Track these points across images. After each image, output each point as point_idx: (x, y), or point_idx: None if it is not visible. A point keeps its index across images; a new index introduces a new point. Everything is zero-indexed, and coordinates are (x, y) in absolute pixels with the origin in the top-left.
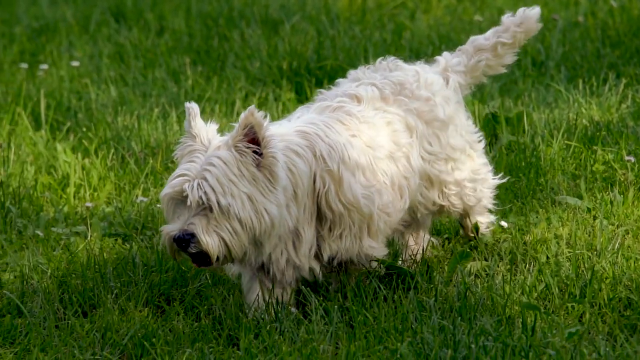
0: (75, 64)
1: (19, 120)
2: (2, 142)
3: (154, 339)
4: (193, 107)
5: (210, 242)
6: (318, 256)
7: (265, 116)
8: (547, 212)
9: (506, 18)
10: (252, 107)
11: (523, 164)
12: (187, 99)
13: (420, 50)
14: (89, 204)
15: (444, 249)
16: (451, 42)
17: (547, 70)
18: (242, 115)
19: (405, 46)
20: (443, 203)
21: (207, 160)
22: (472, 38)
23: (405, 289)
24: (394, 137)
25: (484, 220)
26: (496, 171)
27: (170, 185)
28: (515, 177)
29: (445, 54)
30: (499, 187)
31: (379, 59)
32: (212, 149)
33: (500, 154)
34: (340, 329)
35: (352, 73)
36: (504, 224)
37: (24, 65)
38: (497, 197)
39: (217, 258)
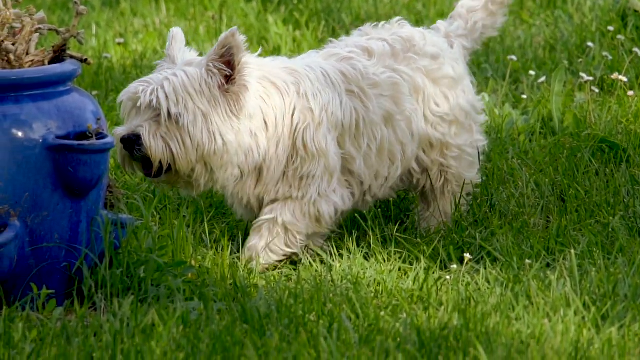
0: None
1: None
2: (214, 14)
3: None
4: (176, 32)
5: (154, 145)
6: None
7: (246, 41)
8: None
9: None
10: (234, 29)
11: None
12: None
13: None
14: None
15: None
16: None
17: None
18: (222, 35)
19: None
20: (440, 159)
21: (172, 72)
22: (460, 2)
23: (617, 163)
24: (397, 100)
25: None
26: None
27: (127, 89)
28: None
29: (440, 21)
30: None
31: (383, 22)
32: (181, 64)
33: None
34: (552, 202)
35: (357, 32)
36: None
37: None
38: None
39: (161, 166)
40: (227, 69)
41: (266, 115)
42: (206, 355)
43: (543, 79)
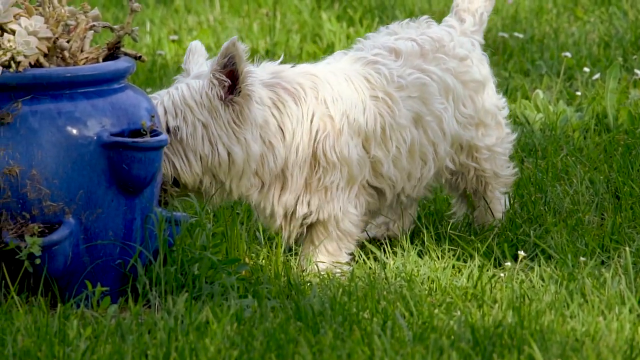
0: None
1: None
2: (268, 11)
3: None
4: (194, 45)
5: None
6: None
7: (247, 50)
8: None
9: None
10: (234, 38)
11: None
12: None
13: None
14: None
15: None
16: None
17: None
18: (224, 45)
19: None
20: (472, 164)
21: (175, 86)
22: None
23: None
24: (426, 100)
25: (502, 193)
26: None
27: None
28: None
29: (449, 18)
30: None
31: (407, 20)
32: (190, 77)
33: None
34: (606, 200)
35: (383, 29)
36: None
37: None
38: None
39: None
40: (228, 80)
41: (281, 123)
42: (260, 353)
43: (597, 75)
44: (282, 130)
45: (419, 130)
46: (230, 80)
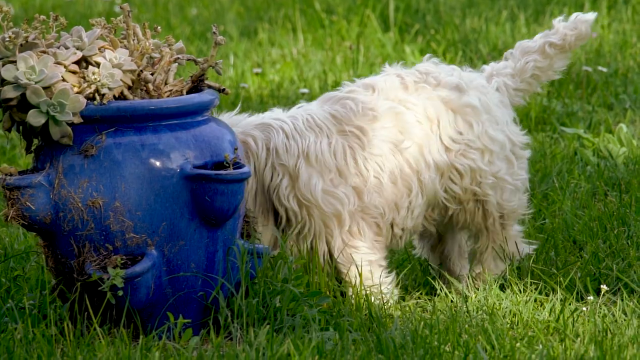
0: None
1: (368, 22)
2: (351, 44)
3: None
4: None
5: None
6: None
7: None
8: None
9: (557, 22)
10: None
11: None
12: (535, 2)
13: None
14: None
15: None
16: None
17: None
18: None
19: None
20: (475, 189)
21: None
22: (518, 43)
23: None
24: (402, 129)
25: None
26: None
27: None
28: None
29: (492, 63)
30: None
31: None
32: None
33: None
34: None
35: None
36: None
37: None
38: None
39: None
40: None
41: None
42: None
43: None
44: None
45: (397, 158)
46: None
